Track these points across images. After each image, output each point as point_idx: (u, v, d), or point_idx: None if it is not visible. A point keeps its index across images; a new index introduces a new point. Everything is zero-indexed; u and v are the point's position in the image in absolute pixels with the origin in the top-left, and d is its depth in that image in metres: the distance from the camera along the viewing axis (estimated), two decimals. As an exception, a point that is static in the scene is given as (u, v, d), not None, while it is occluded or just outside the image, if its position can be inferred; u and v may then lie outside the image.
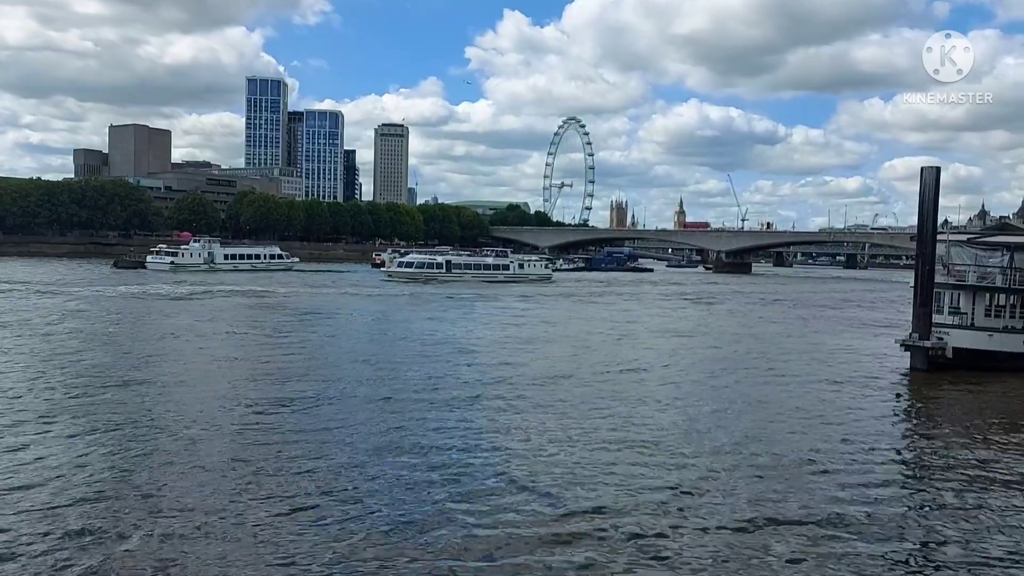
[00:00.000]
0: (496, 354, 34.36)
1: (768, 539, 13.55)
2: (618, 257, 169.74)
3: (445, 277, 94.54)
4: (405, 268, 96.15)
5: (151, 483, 15.33)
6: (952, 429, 23.13)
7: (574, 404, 23.98)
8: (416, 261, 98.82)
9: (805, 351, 38.76)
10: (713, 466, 17.82)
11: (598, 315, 56.56)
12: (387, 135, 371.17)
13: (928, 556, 13.32)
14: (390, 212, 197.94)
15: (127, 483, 15.31)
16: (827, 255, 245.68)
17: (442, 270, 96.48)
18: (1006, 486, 17.12)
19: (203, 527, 13.23)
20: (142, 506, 14.09)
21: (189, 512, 13.82)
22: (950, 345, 32.21)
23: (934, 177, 34.23)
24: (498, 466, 17.22)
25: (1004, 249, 35.45)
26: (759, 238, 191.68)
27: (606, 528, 13.80)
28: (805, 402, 25.82)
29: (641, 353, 36.51)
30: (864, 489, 16.50)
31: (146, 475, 15.82)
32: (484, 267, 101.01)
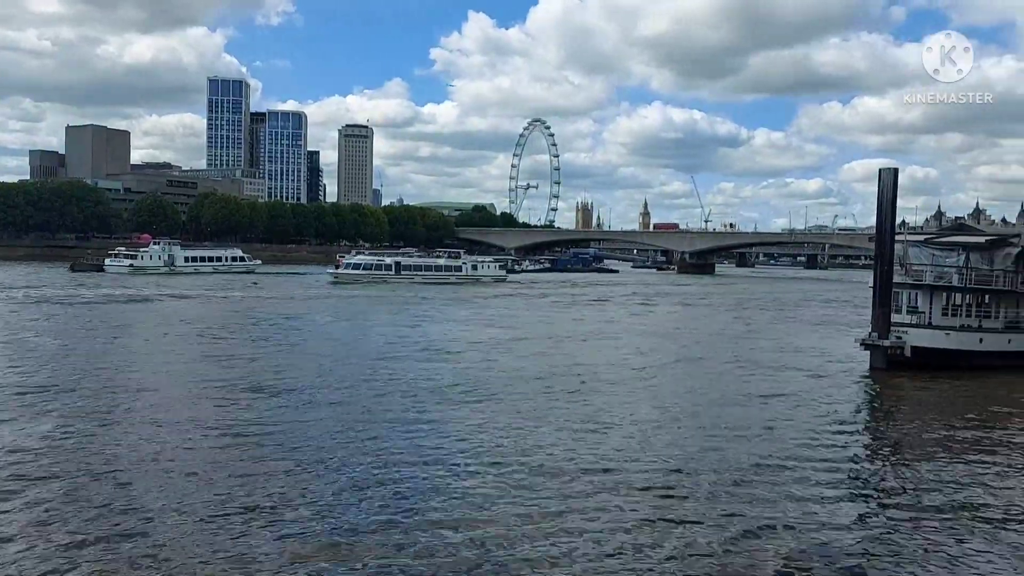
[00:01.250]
0: (443, 357, 33.97)
1: (728, 539, 13.60)
2: (584, 258, 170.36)
3: (394, 279, 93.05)
4: (352, 270, 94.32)
5: (105, 488, 14.97)
6: (909, 426, 23.65)
7: (523, 406, 23.99)
8: (364, 263, 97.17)
9: (768, 351, 39.18)
10: (673, 465, 17.95)
11: (555, 317, 56.27)
12: (351, 136, 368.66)
13: (884, 549, 13.52)
14: (354, 213, 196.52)
15: (82, 491, 14.93)
16: (788, 256, 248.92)
17: (391, 272, 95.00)
18: (957, 482, 17.49)
19: (157, 530, 13.05)
20: (97, 512, 13.78)
21: (144, 516, 13.57)
22: (909, 344, 32.69)
23: (892, 179, 34.77)
24: (449, 472, 17.08)
25: (960, 249, 36.09)
26: (722, 239, 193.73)
27: (569, 535, 13.74)
28: (768, 401, 26.09)
29: (601, 354, 36.61)
30: (822, 486, 16.72)
31: (100, 479, 15.45)
32: (435, 269, 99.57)
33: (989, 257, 35.58)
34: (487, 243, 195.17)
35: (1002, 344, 34.05)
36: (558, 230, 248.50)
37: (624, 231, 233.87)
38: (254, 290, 74.75)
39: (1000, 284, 34.57)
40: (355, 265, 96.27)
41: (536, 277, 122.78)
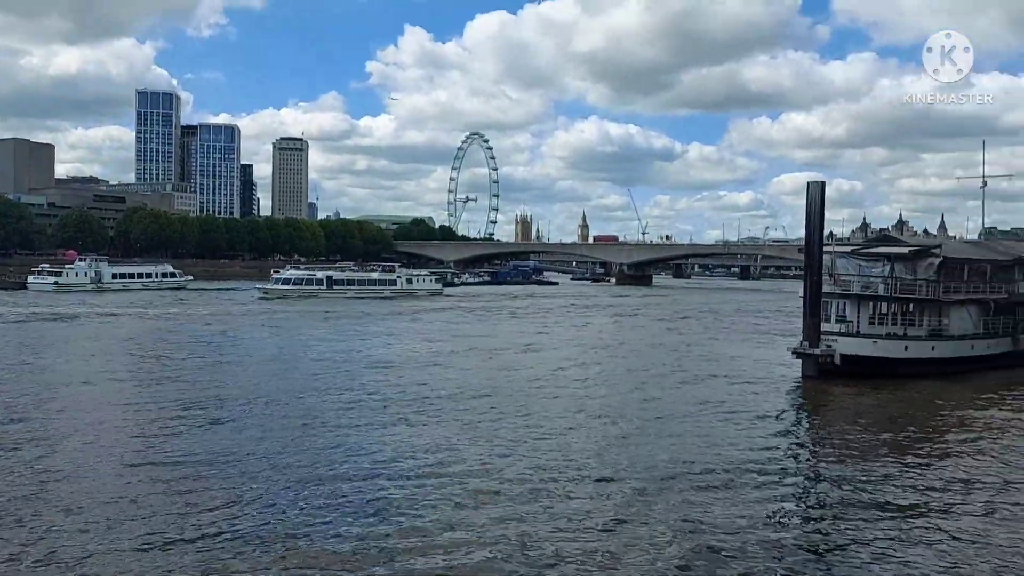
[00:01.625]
0: (376, 372, 33.53)
1: (653, 542, 13.85)
2: (523, 270, 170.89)
3: (326, 294, 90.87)
4: (282, 285, 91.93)
5: (28, 516, 14.27)
6: (836, 430, 24.49)
7: (460, 418, 23.91)
8: (294, 278, 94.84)
9: (704, 360, 39.82)
10: (608, 472, 18.35)
11: (493, 330, 56.14)
12: (286, 149, 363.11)
13: (810, 550, 13.96)
14: (289, 227, 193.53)
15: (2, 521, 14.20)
16: (722, 267, 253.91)
17: (322, 286, 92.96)
18: (879, 480, 18.23)
19: (84, 561, 12.57)
20: (20, 547, 13.09)
21: (70, 544, 13.02)
22: (838, 352, 33.53)
23: (819, 191, 35.76)
24: (389, 483, 16.83)
25: (885, 260, 37.28)
26: (659, 251, 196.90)
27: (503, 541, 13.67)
28: (703, 408, 26.65)
29: (541, 366, 36.63)
30: (751, 488, 17.29)
31: (22, 507, 14.72)
32: (368, 283, 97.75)
33: (912, 267, 36.84)
34: (426, 256, 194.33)
35: (926, 352, 35.21)
36: (498, 243, 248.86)
37: (563, 243, 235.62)
38: (180, 307, 72.46)
39: (923, 293, 35.79)
40: (285, 280, 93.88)
41: (476, 290, 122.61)
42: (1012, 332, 39.29)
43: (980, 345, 37.23)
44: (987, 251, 43.14)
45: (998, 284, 39.24)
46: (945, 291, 36.23)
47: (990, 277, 39.17)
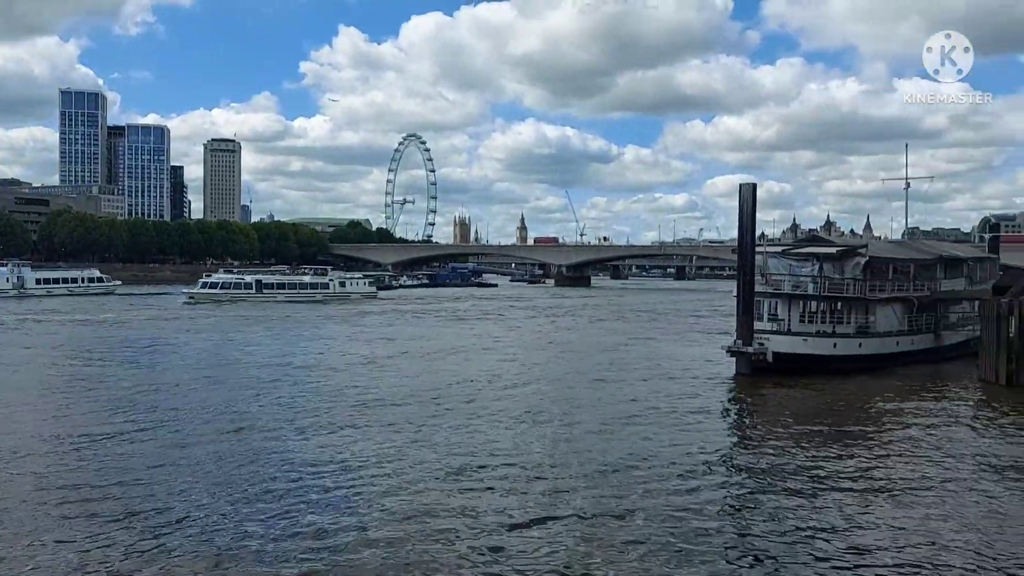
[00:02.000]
0: (300, 379, 33.03)
1: (598, 537, 13.97)
2: (462, 273, 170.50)
3: (255, 298, 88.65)
4: (209, 290, 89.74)
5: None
6: (767, 425, 25.15)
7: (396, 424, 23.68)
8: (222, 282, 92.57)
9: (641, 359, 40.31)
10: (545, 467, 18.54)
11: (429, 333, 55.56)
12: (218, 151, 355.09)
13: (745, 542, 14.36)
14: (222, 230, 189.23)
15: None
16: (659, 267, 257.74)
17: (252, 291, 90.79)
18: (813, 473, 18.80)
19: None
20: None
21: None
22: (770, 350, 34.34)
23: (751, 193, 36.58)
24: (329, 489, 16.62)
25: (814, 259, 38.33)
26: (598, 252, 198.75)
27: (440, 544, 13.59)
28: (640, 406, 27.07)
29: (478, 368, 36.60)
30: (686, 483, 17.80)
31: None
32: (300, 286, 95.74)
33: (840, 267, 37.99)
34: (363, 259, 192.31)
35: (853, 348, 36.34)
36: (436, 245, 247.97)
37: (502, 245, 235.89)
38: (104, 313, 69.88)
39: (850, 292, 36.92)
40: (212, 284, 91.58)
41: (414, 292, 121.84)
42: (934, 328, 40.86)
43: (904, 341, 38.60)
44: (910, 251, 44.78)
45: (921, 282, 40.77)
46: (871, 290, 37.47)
47: (913, 276, 40.66)
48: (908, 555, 13.81)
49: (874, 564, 13.36)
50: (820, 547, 14.06)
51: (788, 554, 13.78)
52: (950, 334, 41.90)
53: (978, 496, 17.23)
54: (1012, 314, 32.20)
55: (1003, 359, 32.18)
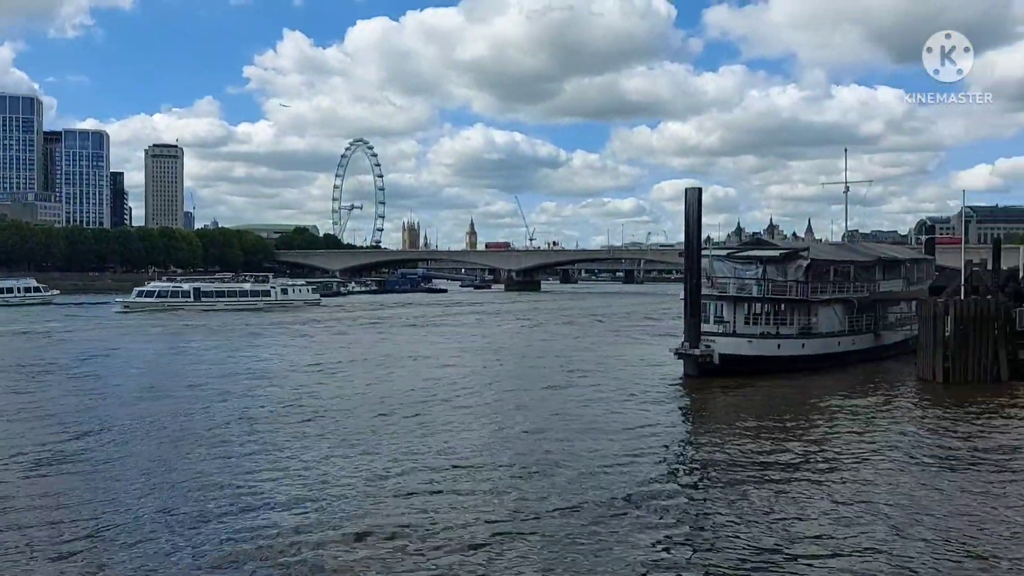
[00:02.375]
0: (246, 389, 32.29)
1: (539, 533, 14.03)
2: (412, 278, 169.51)
3: (193, 306, 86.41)
4: (145, 298, 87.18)
5: None
6: (715, 426, 25.64)
7: (346, 433, 23.48)
8: (159, 290, 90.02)
9: (591, 362, 40.55)
10: (496, 474, 18.49)
11: (374, 340, 54.57)
12: (159, 156, 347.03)
13: (696, 538, 14.71)
14: (164, 237, 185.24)
15: None
16: (608, 271, 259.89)
17: (189, 299, 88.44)
18: (759, 469, 19.27)
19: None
20: None
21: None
22: (717, 352, 34.84)
23: (696, 197, 37.12)
24: (270, 497, 16.36)
25: (758, 262, 39.07)
26: (547, 256, 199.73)
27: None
28: (588, 409, 27.32)
29: (423, 375, 36.26)
30: (636, 482, 18.10)
31: None
32: (240, 294, 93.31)
33: (783, 269, 38.78)
34: (311, 266, 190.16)
35: (797, 349, 37.09)
36: (385, 251, 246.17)
37: (452, 251, 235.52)
38: (32, 323, 67.25)
39: (793, 294, 37.71)
40: (148, 293, 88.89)
41: (362, 299, 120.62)
42: (874, 328, 41.95)
43: (845, 341, 39.55)
44: (850, 253, 45.96)
45: (860, 284, 41.87)
46: (813, 291, 38.31)
47: (853, 277, 41.73)
48: (847, 541, 14.37)
49: (814, 554, 13.68)
50: (764, 539, 14.46)
51: (732, 544, 14.18)
52: (889, 334, 43.06)
53: (918, 490, 17.75)
54: (948, 314, 33.22)
55: (939, 358, 33.17)
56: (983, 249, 70.09)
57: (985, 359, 32.88)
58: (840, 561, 13.47)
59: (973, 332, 32.89)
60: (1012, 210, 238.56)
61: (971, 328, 32.87)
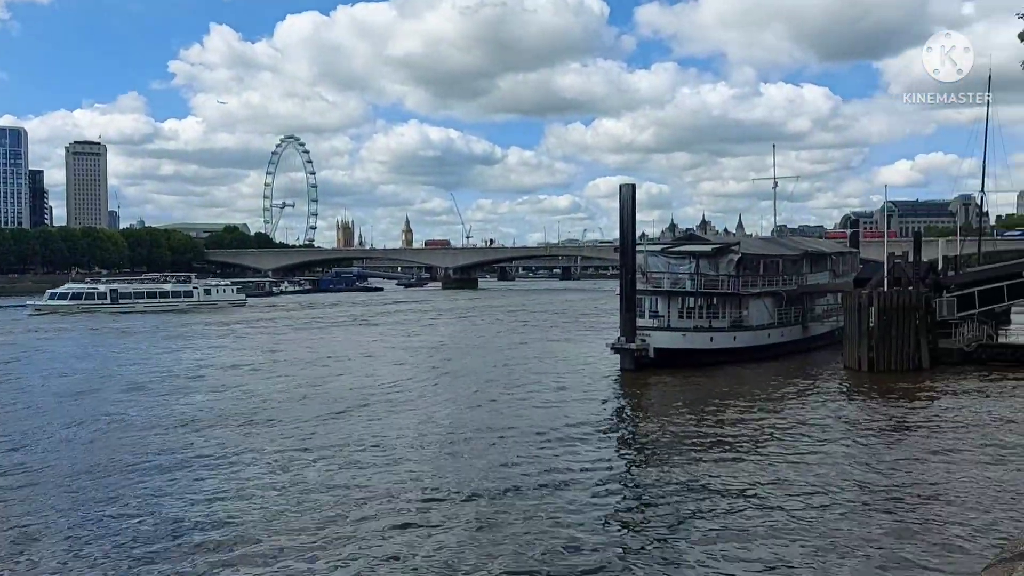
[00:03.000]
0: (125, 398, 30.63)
1: (493, 527, 14.04)
2: (347, 277, 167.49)
3: (110, 308, 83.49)
4: (58, 300, 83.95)
5: None
6: (650, 418, 26.08)
7: (281, 435, 23.00)
8: (73, 291, 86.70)
9: (529, 358, 40.68)
10: (433, 467, 18.56)
11: (303, 341, 53.17)
12: (81, 154, 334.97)
13: (634, 522, 15.18)
14: (88, 237, 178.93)
15: None
16: (545, 268, 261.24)
17: (106, 300, 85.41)
18: (694, 457, 19.76)
19: None
20: None
21: None
22: (652, 346, 35.36)
23: (631, 194, 37.55)
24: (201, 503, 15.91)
25: (691, 257, 39.76)
26: (484, 254, 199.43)
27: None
28: (526, 405, 27.44)
29: (366, 373, 36.02)
30: (575, 473, 18.45)
31: None
32: (161, 295, 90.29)
33: (715, 264, 39.55)
34: (242, 265, 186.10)
35: (729, 342, 37.88)
36: (318, 249, 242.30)
37: (387, 249, 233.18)
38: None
39: (725, 288, 38.50)
40: (62, 295, 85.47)
41: (295, 299, 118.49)
42: (802, 320, 43.14)
43: (775, 333, 40.56)
44: (779, 247, 47.16)
45: (789, 277, 43.02)
46: (744, 285, 39.19)
47: (782, 271, 42.84)
48: (776, 518, 15.10)
49: (747, 533, 14.05)
50: (700, 525, 14.90)
51: (670, 525, 14.67)
52: (816, 325, 44.34)
53: (844, 470, 18.55)
54: (871, 305, 34.37)
55: (864, 347, 34.31)
56: (904, 242, 72.93)
57: (907, 348, 34.14)
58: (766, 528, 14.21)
59: (895, 322, 34.11)
60: (931, 204, 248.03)
61: (893, 318, 34.09)
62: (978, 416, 24.81)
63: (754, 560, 13.31)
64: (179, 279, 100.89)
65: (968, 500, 16.11)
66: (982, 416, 24.79)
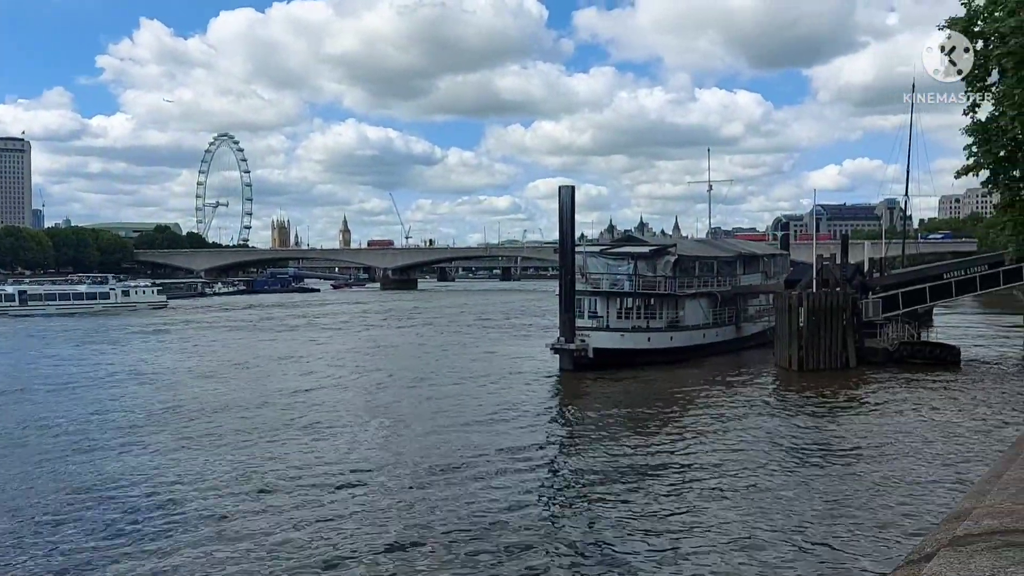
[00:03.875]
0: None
1: (430, 533, 14.12)
2: (283, 278, 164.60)
3: (17, 311, 79.80)
4: None
5: None
6: (589, 418, 26.31)
7: (210, 440, 22.68)
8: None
9: (469, 359, 40.78)
10: (370, 466, 18.81)
11: (228, 344, 51.50)
12: (4, 151, 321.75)
13: (566, 521, 15.28)
14: (10, 237, 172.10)
15: None
16: (485, 269, 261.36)
17: (13, 303, 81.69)
18: (631, 455, 20.00)
19: None
20: None
21: None
22: (591, 346, 35.82)
23: (570, 195, 37.99)
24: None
25: (629, 258, 40.40)
26: (424, 254, 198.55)
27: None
28: (465, 405, 27.61)
29: (300, 377, 35.52)
30: (512, 474, 18.56)
31: None
32: (75, 297, 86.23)
33: (652, 265, 40.28)
34: (173, 266, 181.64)
35: (666, 342, 38.63)
36: (253, 250, 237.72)
37: (325, 249, 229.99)
38: None
39: (662, 289, 39.25)
40: None
41: (227, 300, 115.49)
42: (736, 320, 44.24)
43: (710, 334, 41.52)
44: (714, 249, 48.28)
45: (723, 278, 44.09)
46: (680, 286, 40.01)
47: (717, 272, 43.87)
48: (706, 515, 15.42)
49: (680, 530, 14.41)
50: (634, 522, 15.13)
51: (604, 526, 14.84)
52: (749, 325, 45.51)
53: (773, 466, 19.19)
54: (801, 305, 35.46)
55: (794, 347, 35.38)
56: (832, 244, 75.30)
57: (835, 347, 35.34)
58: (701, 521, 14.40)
59: (824, 322, 35.27)
60: (858, 208, 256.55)
61: (822, 319, 35.24)
62: (899, 411, 25.90)
63: (675, 544, 13.83)
64: (95, 280, 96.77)
65: (886, 493, 16.80)
66: (903, 412, 25.88)
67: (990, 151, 27.49)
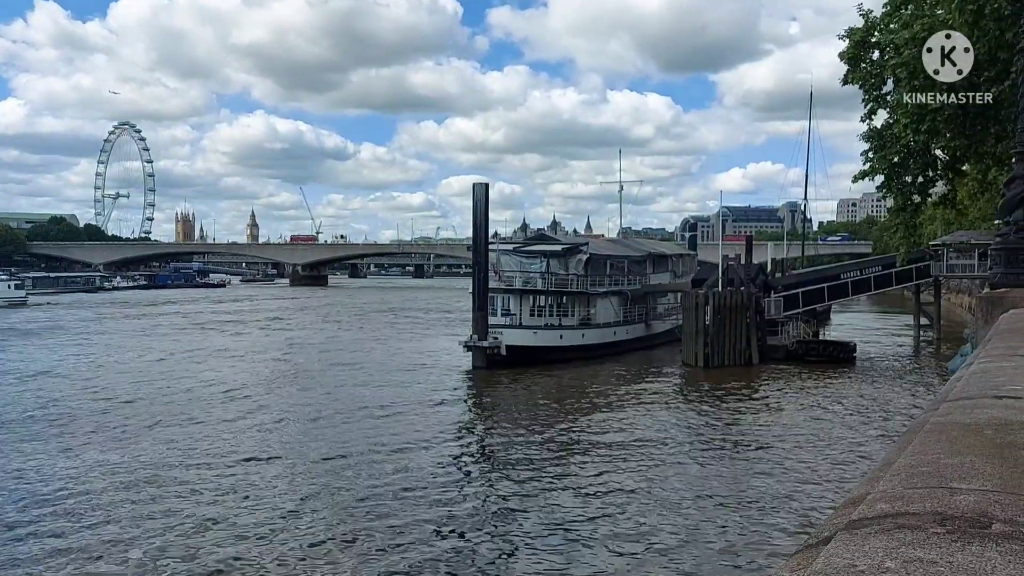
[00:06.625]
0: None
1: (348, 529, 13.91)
2: (187, 273, 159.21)
3: None
4: None
5: None
6: (500, 415, 26.42)
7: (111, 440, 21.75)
8: None
9: (381, 356, 40.27)
10: (286, 471, 18.17)
11: (113, 346, 48.33)
12: None
13: (476, 516, 15.28)
14: None
15: None
16: (398, 266, 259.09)
17: None
18: (539, 448, 20.30)
19: None
20: None
21: None
22: (504, 344, 35.94)
23: (484, 193, 37.97)
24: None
25: (542, 256, 40.73)
26: (335, 250, 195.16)
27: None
28: (374, 403, 27.19)
29: (200, 377, 34.22)
30: (416, 469, 18.61)
31: None
32: None
33: (565, 263, 40.72)
34: (69, 259, 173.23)
35: (577, 339, 39.09)
36: (156, 243, 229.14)
37: (231, 243, 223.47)
38: None
39: (574, 287, 39.70)
40: None
41: (123, 295, 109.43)
42: (645, 318, 45.14)
43: (621, 331, 42.24)
44: (624, 248, 49.18)
45: (634, 277, 44.93)
46: (592, 284, 40.56)
47: (627, 271, 44.67)
48: (607, 506, 15.75)
49: (590, 520, 14.57)
50: (534, 513, 15.30)
51: (520, 519, 14.82)
52: (658, 323, 46.52)
53: (676, 459, 19.70)
54: (707, 304, 36.44)
55: (700, 344, 36.32)
56: (738, 245, 77.79)
57: (739, 345, 36.46)
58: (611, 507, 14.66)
59: (728, 321, 36.35)
60: (761, 210, 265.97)
61: (727, 317, 36.31)
62: (799, 406, 27.00)
63: (575, 535, 14.02)
64: None
65: (785, 481, 17.50)
66: (802, 406, 26.98)
67: (884, 157, 28.77)
